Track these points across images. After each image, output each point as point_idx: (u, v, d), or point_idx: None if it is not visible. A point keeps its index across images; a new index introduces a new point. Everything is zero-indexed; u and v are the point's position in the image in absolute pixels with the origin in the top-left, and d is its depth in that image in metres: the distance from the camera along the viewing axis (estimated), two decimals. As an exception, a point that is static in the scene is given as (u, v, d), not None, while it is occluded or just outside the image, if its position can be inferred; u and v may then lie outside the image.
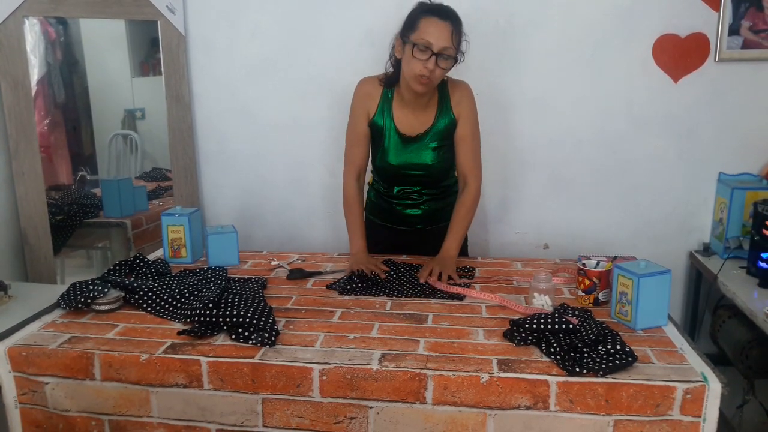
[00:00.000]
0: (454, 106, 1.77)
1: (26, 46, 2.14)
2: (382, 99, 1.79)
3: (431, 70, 1.60)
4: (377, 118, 1.80)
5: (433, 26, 1.60)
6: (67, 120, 2.49)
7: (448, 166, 1.86)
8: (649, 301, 1.39)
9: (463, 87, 1.80)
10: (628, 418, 1.20)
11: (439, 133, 1.79)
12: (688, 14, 2.09)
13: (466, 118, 1.77)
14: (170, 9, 2.23)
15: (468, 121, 1.78)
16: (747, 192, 2.06)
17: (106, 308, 1.51)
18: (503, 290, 1.65)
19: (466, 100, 1.78)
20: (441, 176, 1.87)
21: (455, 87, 1.79)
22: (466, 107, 1.77)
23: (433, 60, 1.59)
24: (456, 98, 1.77)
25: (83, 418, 1.35)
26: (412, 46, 1.61)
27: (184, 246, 1.88)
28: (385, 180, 1.91)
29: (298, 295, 1.64)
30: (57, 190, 2.40)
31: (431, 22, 1.61)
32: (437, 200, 1.91)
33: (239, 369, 1.28)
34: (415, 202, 1.90)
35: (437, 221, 1.93)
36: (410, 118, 1.78)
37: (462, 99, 1.77)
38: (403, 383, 1.23)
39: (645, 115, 2.19)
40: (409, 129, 1.79)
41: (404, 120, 1.78)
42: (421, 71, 1.60)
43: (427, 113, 1.78)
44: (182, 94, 2.30)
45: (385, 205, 1.95)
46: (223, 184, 2.43)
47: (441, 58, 1.60)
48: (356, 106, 1.82)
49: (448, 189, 1.92)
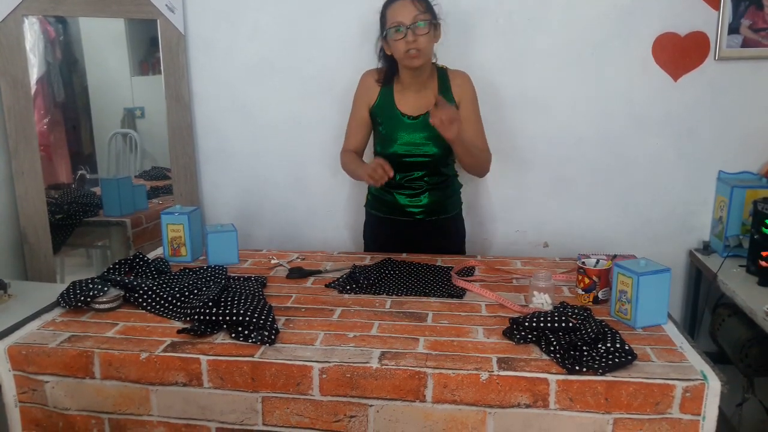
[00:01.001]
0: (454, 90, 1.87)
1: (26, 45, 2.14)
2: (382, 86, 1.90)
3: (413, 41, 1.72)
4: (378, 105, 1.88)
5: (395, 8, 1.75)
6: (67, 119, 2.49)
7: (448, 152, 1.89)
8: (649, 300, 1.39)
9: (463, 74, 1.91)
10: (627, 416, 1.20)
11: None
12: (687, 13, 2.09)
13: (468, 101, 1.88)
14: (170, 8, 2.23)
15: (470, 104, 1.88)
16: (747, 190, 2.06)
17: (105, 307, 1.51)
18: (503, 288, 1.65)
19: (466, 85, 1.89)
20: (441, 161, 1.91)
21: (455, 74, 1.90)
22: (467, 91, 1.88)
23: (411, 32, 1.72)
24: (456, 83, 1.88)
25: (83, 417, 1.35)
26: (390, 34, 1.76)
27: (184, 245, 1.88)
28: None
29: (298, 293, 1.64)
30: (56, 189, 2.39)
31: (393, 6, 1.76)
32: (438, 190, 1.94)
33: (239, 367, 1.28)
34: (417, 192, 1.93)
35: (438, 212, 1.96)
36: (411, 100, 1.87)
37: (462, 84, 1.88)
38: (403, 381, 1.23)
39: (645, 113, 2.19)
40: (410, 110, 1.87)
41: (405, 102, 1.88)
42: (406, 47, 1.73)
43: (427, 95, 1.86)
44: (182, 93, 2.30)
45: (386, 197, 1.98)
46: (223, 182, 2.43)
47: (416, 27, 1.72)
48: (358, 95, 1.95)
49: (449, 179, 1.97)
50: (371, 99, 1.91)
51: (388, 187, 1.95)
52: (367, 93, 1.91)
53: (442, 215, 1.97)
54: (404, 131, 1.87)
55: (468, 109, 1.87)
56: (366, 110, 1.92)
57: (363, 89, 1.93)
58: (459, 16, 2.15)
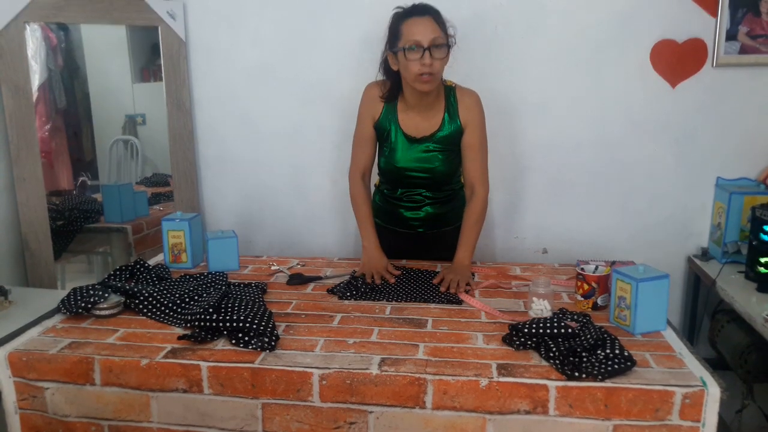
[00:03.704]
0: (461, 113, 1.78)
1: (27, 52, 2.15)
2: (386, 105, 1.82)
3: (429, 64, 1.63)
4: (382, 121, 1.82)
5: (415, 25, 1.64)
6: (68, 125, 2.50)
7: (453, 171, 1.87)
8: (648, 306, 1.39)
9: (472, 95, 1.81)
10: (627, 422, 1.20)
11: (445, 138, 1.79)
12: (685, 20, 2.11)
13: (474, 127, 1.78)
14: (171, 15, 2.24)
15: (476, 130, 1.79)
16: (745, 197, 2.07)
17: (106, 313, 1.52)
18: (502, 295, 1.66)
19: (475, 108, 1.79)
20: (445, 180, 1.88)
21: (464, 94, 1.80)
22: (476, 115, 1.79)
23: (428, 54, 1.62)
24: (464, 106, 1.78)
25: (83, 424, 1.35)
26: (404, 52, 1.64)
27: (185, 251, 1.88)
28: (390, 182, 1.93)
29: (298, 300, 1.64)
30: (58, 195, 2.40)
31: (412, 22, 1.65)
32: (440, 204, 1.92)
33: (239, 374, 1.28)
34: (418, 205, 1.91)
35: (439, 225, 1.94)
36: (416, 121, 1.80)
37: (471, 107, 1.78)
38: (403, 388, 1.24)
39: (643, 120, 2.20)
40: (414, 131, 1.80)
41: (409, 123, 1.80)
42: (420, 69, 1.63)
43: (433, 117, 1.79)
44: (183, 100, 2.31)
45: (388, 208, 1.96)
46: (224, 189, 2.43)
47: (434, 49, 1.63)
48: (362, 111, 1.85)
49: (452, 194, 1.93)
50: (376, 113, 1.82)
51: (390, 199, 1.95)
52: (372, 107, 1.82)
53: (443, 227, 1.93)
54: (407, 150, 1.81)
55: (473, 135, 1.79)
56: (371, 125, 1.84)
57: (368, 103, 1.83)
58: (458, 24, 2.15)
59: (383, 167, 1.89)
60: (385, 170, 1.89)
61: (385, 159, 1.86)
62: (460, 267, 1.77)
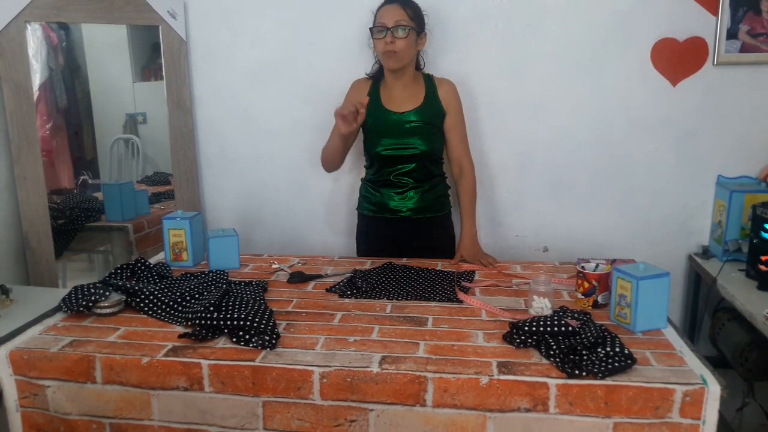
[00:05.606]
0: (441, 95, 1.98)
1: (28, 51, 2.15)
2: (371, 88, 2.02)
3: (391, 42, 1.85)
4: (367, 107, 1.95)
5: (384, 11, 1.90)
6: (69, 124, 2.50)
7: (435, 151, 2.00)
8: (648, 304, 1.39)
9: (449, 82, 2.02)
10: (627, 420, 1.20)
11: (427, 115, 1.95)
12: (686, 18, 2.10)
13: (455, 110, 2.00)
14: (171, 14, 2.25)
15: (457, 112, 2.01)
16: (746, 195, 2.06)
17: (107, 311, 1.52)
18: (503, 293, 1.66)
19: (454, 93, 2.01)
20: (429, 157, 1.99)
21: (441, 82, 2.01)
22: (455, 100, 2.00)
23: (390, 34, 1.85)
24: (443, 90, 2.00)
25: (84, 422, 1.36)
26: (372, 33, 1.89)
27: (186, 249, 1.88)
28: (376, 164, 2.01)
29: (299, 298, 1.65)
30: (59, 194, 2.40)
31: (383, 9, 1.91)
32: (425, 190, 2.00)
33: (240, 372, 1.28)
34: (404, 189, 1.99)
35: (425, 211, 2.01)
36: (396, 98, 1.98)
37: (450, 91, 2.01)
38: (403, 386, 1.24)
39: (644, 118, 2.20)
40: (395, 106, 1.97)
41: (390, 99, 1.98)
42: (384, 48, 1.87)
43: (415, 95, 1.97)
44: (183, 99, 2.32)
45: (375, 195, 2.03)
46: (224, 187, 2.44)
47: (395, 30, 1.84)
48: (348, 97, 2.05)
49: (436, 180, 2.03)
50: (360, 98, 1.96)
51: (377, 185, 2.02)
52: (357, 94, 2.01)
53: (429, 214, 2.02)
54: (390, 126, 1.95)
55: (455, 117, 2.00)
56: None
57: (353, 91, 2.05)
58: (458, 22, 2.16)
59: (368, 149, 2.00)
60: (369, 152, 2.00)
61: (370, 141, 1.99)
62: (471, 243, 1.97)
